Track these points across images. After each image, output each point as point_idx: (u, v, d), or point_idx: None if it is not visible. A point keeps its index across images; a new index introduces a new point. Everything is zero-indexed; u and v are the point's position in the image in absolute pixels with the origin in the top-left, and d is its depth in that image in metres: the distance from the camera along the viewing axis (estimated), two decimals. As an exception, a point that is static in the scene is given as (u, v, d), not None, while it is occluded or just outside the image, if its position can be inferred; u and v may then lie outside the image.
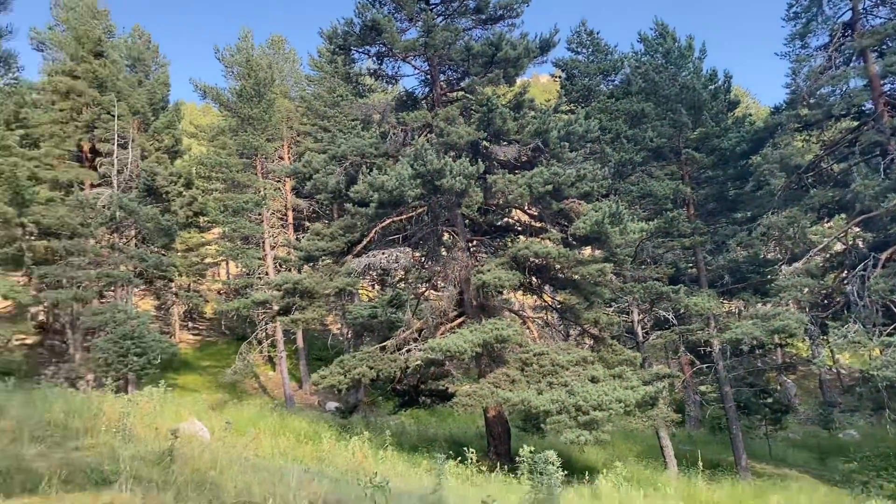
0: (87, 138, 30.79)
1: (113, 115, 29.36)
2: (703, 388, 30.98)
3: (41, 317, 34.00)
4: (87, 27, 31.78)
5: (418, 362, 16.99)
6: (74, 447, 8.76)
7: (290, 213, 36.67)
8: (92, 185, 30.99)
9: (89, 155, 31.48)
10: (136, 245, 30.21)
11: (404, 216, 18.62)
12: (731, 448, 22.41)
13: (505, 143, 18.28)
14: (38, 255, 27.45)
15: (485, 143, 18.28)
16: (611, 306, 21.67)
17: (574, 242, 17.55)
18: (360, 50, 19.82)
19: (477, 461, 12.45)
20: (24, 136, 29.22)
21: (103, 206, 27.82)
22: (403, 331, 18.59)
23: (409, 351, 17.75)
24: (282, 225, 36.32)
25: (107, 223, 27.84)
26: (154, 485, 7.28)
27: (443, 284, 20.24)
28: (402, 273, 23.17)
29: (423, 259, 21.04)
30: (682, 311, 22.09)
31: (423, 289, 22.34)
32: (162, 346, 25.41)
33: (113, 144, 29.56)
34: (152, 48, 39.38)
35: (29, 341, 32.83)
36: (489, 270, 16.64)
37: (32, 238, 27.95)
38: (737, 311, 28.35)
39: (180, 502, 6.82)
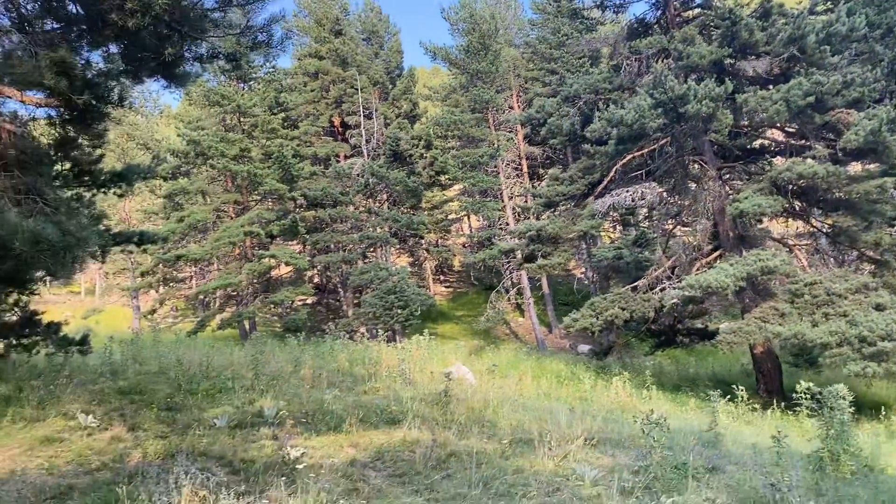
0: (337, 113, 33.65)
1: (356, 89, 31.69)
2: None
3: (316, 279, 38.17)
4: (325, 9, 34.40)
5: (674, 301, 16.38)
6: (363, 391, 9.78)
7: (525, 162, 36.95)
8: (345, 157, 33.97)
9: (340, 129, 34.43)
10: (388, 208, 32.56)
11: (646, 150, 17.83)
12: None
13: (753, 57, 16.65)
14: (308, 224, 30.68)
15: (729, 60, 16.76)
16: (893, 226, 19.10)
17: (844, 158, 15.61)
18: (585, -18, 19.20)
19: (747, 399, 11.83)
20: (284, 118, 32.65)
21: (357, 175, 30.32)
22: (654, 269, 17.99)
23: (662, 290, 17.17)
24: (517, 175, 36.77)
25: (362, 190, 30.34)
26: (437, 423, 7.90)
27: (692, 218, 19.22)
28: (647, 210, 22.33)
29: (668, 194, 20.09)
30: None
31: (671, 225, 21.40)
32: (421, 299, 27.29)
33: (359, 116, 32.01)
34: (383, 19, 41.55)
35: (309, 301, 37.19)
36: (746, 198, 15.43)
37: (302, 209, 31.28)
38: None
39: (463, 438, 7.30)
